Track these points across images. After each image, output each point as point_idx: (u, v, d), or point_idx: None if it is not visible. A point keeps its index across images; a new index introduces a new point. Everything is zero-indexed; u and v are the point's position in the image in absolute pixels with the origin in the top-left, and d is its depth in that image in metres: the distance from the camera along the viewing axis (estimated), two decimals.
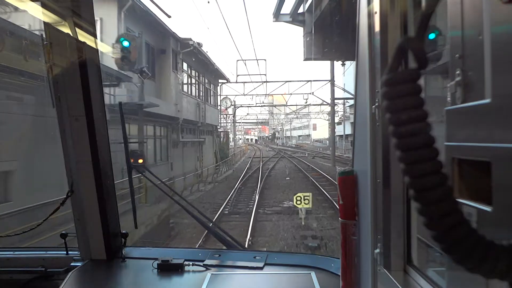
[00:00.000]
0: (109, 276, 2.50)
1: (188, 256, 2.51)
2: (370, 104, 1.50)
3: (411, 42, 0.66)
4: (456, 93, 0.94)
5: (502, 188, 0.76)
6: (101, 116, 2.39)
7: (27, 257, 2.61)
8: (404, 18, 1.38)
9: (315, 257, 2.57)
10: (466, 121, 0.91)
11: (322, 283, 2.14)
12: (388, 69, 0.66)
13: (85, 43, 2.22)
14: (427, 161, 0.63)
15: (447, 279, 1.07)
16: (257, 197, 19.50)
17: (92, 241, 2.51)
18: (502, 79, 0.77)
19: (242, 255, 2.63)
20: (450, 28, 1.00)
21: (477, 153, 0.84)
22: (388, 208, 1.44)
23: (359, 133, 1.73)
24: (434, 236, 0.63)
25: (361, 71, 1.63)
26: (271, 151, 71.10)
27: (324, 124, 76.16)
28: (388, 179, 1.43)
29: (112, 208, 2.53)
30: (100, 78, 2.40)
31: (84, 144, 2.33)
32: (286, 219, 15.34)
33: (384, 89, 0.66)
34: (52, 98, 2.31)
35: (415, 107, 0.64)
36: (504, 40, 0.76)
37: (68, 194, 2.45)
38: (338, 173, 1.82)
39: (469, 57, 0.91)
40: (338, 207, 1.80)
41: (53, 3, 2.14)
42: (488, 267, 0.61)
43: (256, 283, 2.27)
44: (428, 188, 0.62)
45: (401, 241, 1.45)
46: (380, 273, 1.49)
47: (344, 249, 1.77)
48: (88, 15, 2.22)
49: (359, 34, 1.64)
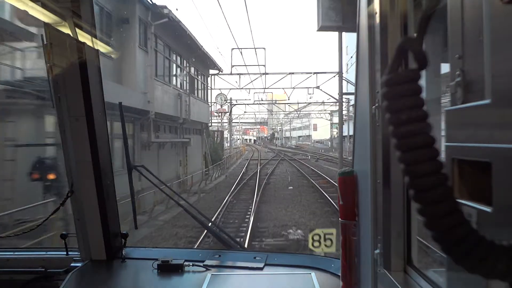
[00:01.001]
0: (109, 276, 2.50)
1: (188, 256, 2.51)
2: (370, 104, 1.50)
3: (411, 42, 0.66)
4: (456, 93, 0.94)
5: (502, 188, 0.76)
6: (101, 116, 2.39)
7: (27, 257, 2.61)
8: (404, 19, 1.38)
9: (315, 257, 2.57)
10: (466, 121, 0.91)
11: (322, 283, 2.13)
12: (388, 70, 0.66)
13: (85, 43, 2.22)
14: (427, 162, 0.63)
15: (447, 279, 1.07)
16: (251, 218, 13.90)
17: (92, 241, 2.51)
18: (502, 79, 0.77)
19: (242, 256, 2.63)
20: (450, 29, 1.00)
21: (477, 153, 0.84)
22: (388, 208, 1.44)
23: (359, 133, 1.73)
24: (434, 236, 0.63)
25: (361, 72, 1.63)
26: (270, 152, 65.61)
27: (325, 125, 73.79)
28: (388, 179, 1.43)
29: (112, 209, 2.53)
30: (100, 78, 2.40)
31: (84, 144, 2.33)
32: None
33: (384, 89, 0.66)
34: (52, 98, 2.32)
35: (415, 108, 0.64)
36: (504, 40, 0.76)
37: (68, 194, 2.45)
38: (338, 173, 1.82)
39: (469, 57, 0.91)
40: (338, 207, 1.81)
41: (53, 3, 2.14)
42: (488, 267, 0.61)
43: (256, 284, 2.27)
44: (428, 188, 0.62)
45: (401, 241, 1.45)
46: (380, 274, 1.49)
47: (344, 249, 1.77)
48: (88, 15, 2.22)
49: (359, 34, 1.64)
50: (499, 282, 0.65)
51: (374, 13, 1.44)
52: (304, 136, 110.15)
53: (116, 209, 2.60)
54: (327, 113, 60.20)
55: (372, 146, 1.51)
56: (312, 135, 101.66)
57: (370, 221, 1.53)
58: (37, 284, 2.49)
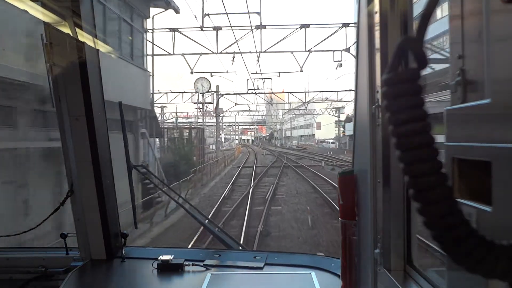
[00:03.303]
0: (109, 276, 2.50)
1: (188, 256, 2.51)
2: (370, 104, 1.50)
3: (411, 42, 0.66)
4: (456, 93, 0.93)
5: (502, 188, 0.76)
6: (101, 116, 2.39)
7: (27, 257, 2.61)
8: (404, 18, 1.38)
9: (315, 257, 2.57)
10: (466, 121, 0.91)
11: (322, 283, 2.13)
12: (388, 69, 0.66)
13: (85, 43, 2.22)
14: (427, 161, 0.63)
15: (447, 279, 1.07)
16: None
17: (92, 241, 2.51)
18: (502, 79, 0.77)
19: (242, 255, 2.63)
20: (450, 28, 1.00)
21: (477, 153, 0.84)
22: (388, 208, 1.44)
23: (359, 133, 1.73)
24: (434, 236, 0.63)
25: (361, 71, 1.63)
26: (269, 155, 54.02)
27: (330, 122, 66.09)
28: (388, 179, 1.43)
29: (112, 208, 2.53)
30: (100, 78, 2.40)
31: (84, 144, 2.33)
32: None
33: (384, 88, 0.66)
34: (52, 98, 2.32)
35: (415, 107, 0.64)
36: (504, 39, 0.76)
37: (68, 194, 2.45)
38: (338, 174, 1.82)
39: (469, 57, 0.91)
40: (338, 207, 1.81)
41: (53, 3, 2.14)
42: (488, 267, 0.61)
43: (256, 283, 2.27)
44: (428, 188, 0.62)
45: (401, 241, 1.45)
46: (380, 273, 1.49)
47: (344, 249, 1.77)
48: (88, 15, 2.22)
49: (359, 34, 1.64)
50: (499, 282, 0.65)
51: (374, 12, 1.44)
52: (306, 136, 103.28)
53: (116, 209, 2.60)
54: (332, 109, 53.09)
55: (372, 146, 1.51)
56: (315, 135, 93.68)
57: (370, 221, 1.53)
58: (37, 284, 2.49)
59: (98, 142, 2.36)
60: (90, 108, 2.28)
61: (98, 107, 2.35)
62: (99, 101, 2.37)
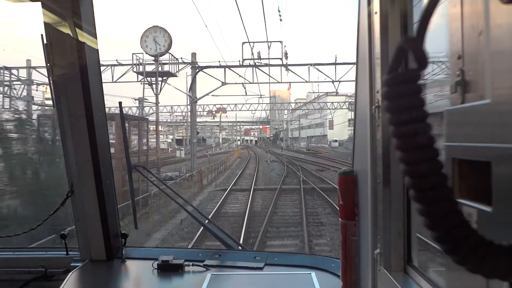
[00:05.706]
0: (109, 276, 2.50)
1: (188, 256, 2.51)
2: (370, 104, 1.50)
3: (411, 42, 0.66)
4: (456, 93, 0.94)
5: (502, 188, 0.76)
6: (101, 116, 2.39)
7: (27, 257, 2.61)
8: (404, 18, 1.38)
9: (315, 257, 2.57)
10: (466, 121, 0.91)
11: (322, 283, 2.14)
12: (389, 70, 0.66)
13: (85, 43, 2.22)
14: (427, 162, 0.63)
15: (447, 279, 1.07)
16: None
17: (92, 241, 2.51)
18: (502, 79, 0.77)
19: (242, 255, 2.63)
20: (450, 28, 1.00)
21: (477, 153, 0.84)
22: (388, 208, 1.44)
23: (359, 133, 1.73)
24: (434, 237, 0.63)
25: (361, 71, 1.63)
26: (275, 161, 41.08)
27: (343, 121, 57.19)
28: (388, 179, 1.43)
29: (112, 209, 2.53)
30: (100, 78, 2.40)
31: (84, 144, 2.33)
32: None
33: (385, 89, 0.66)
34: (52, 98, 2.32)
35: (415, 108, 0.64)
36: (504, 40, 0.76)
37: (68, 194, 2.45)
38: (338, 173, 1.82)
39: (469, 57, 0.91)
40: (338, 207, 1.81)
41: (53, 3, 2.14)
42: (488, 267, 0.61)
43: (256, 284, 2.27)
44: (428, 189, 0.62)
45: (401, 241, 1.45)
46: (380, 273, 1.49)
47: (344, 249, 1.77)
48: (88, 15, 2.22)
49: (359, 34, 1.64)
50: (499, 282, 0.65)
51: (374, 13, 1.44)
52: (317, 137, 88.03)
53: (116, 209, 2.60)
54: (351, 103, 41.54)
55: (372, 146, 1.51)
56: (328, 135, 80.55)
57: (370, 221, 1.53)
58: (37, 284, 2.49)
59: (98, 142, 2.35)
60: (90, 108, 2.28)
61: (98, 107, 2.35)
62: (99, 101, 2.37)
